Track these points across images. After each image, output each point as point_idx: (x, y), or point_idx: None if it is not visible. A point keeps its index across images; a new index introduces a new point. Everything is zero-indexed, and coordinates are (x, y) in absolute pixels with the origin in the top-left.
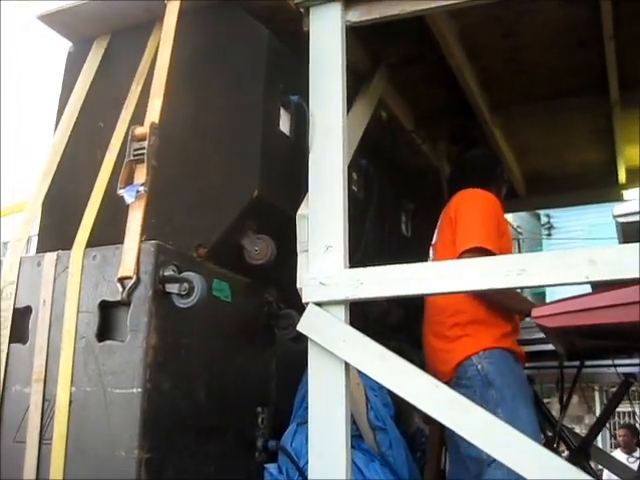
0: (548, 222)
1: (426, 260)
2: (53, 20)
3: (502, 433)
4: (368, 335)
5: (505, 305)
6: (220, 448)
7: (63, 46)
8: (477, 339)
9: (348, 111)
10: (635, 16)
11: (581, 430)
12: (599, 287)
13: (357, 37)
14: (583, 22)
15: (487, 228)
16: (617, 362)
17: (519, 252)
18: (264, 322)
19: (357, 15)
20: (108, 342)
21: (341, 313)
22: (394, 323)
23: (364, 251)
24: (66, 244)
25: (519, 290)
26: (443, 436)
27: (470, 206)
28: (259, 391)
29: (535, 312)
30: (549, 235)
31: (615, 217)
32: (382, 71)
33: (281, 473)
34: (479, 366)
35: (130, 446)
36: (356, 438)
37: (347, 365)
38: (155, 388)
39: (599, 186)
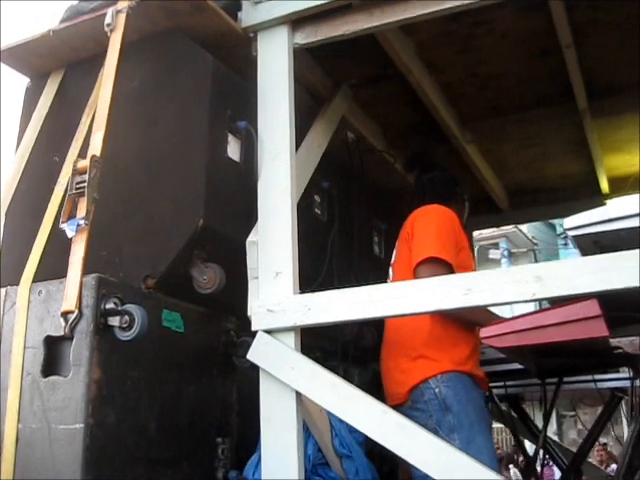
0: (564, 232)
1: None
2: (7, 56)
3: (451, 459)
4: (340, 360)
5: (468, 320)
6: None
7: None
8: (435, 361)
9: (305, 133)
10: (594, 24)
11: None
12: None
13: (316, 59)
14: (541, 31)
15: (443, 240)
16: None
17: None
18: (222, 351)
19: (304, 37)
20: (52, 377)
21: (291, 340)
22: (368, 346)
23: (328, 273)
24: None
25: None
26: None
27: (426, 220)
28: (218, 421)
29: (483, 332)
30: (565, 245)
31: (566, 230)
32: (344, 92)
33: None
34: (437, 390)
35: None
36: (323, 466)
37: (298, 393)
38: (98, 423)
39: (582, 197)
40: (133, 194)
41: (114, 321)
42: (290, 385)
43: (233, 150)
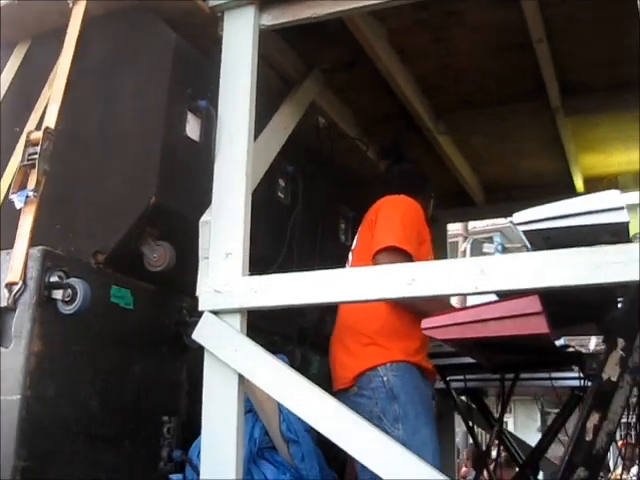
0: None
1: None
2: None
3: (387, 449)
4: (297, 345)
5: (424, 311)
6: (115, 457)
7: None
8: (386, 350)
9: (271, 116)
10: (568, 20)
11: None
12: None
13: (288, 41)
14: (514, 25)
15: (406, 230)
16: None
17: None
18: (173, 330)
19: (271, 18)
20: None
21: (236, 322)
22: (330, 332)
23: (288, 257)
24: None
25: None
26: None
27: (391, 208)
28: (166, 400)
29: (425, 323)
30: None
31: (515, 225)
32: (315, 76)
33: None
34: (385, 378)
35: (7, 454)
36: (270, 450)
37: (241, 376)
38: (36, 395)
39: (557, 195)
40: (90, 168)
41: (57, 294)
42: (233, 367)
43: (192, 129)
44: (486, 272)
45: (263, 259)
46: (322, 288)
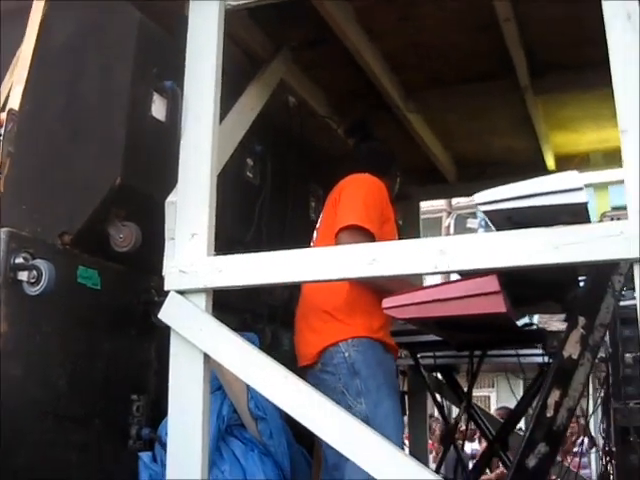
0: None
1: None
2: None
3: (345, 424)
4: (267, 323)
5: (387, 289)
6: (84, 436)
7: None
8: (348, 326)
9: (238, 96)
10: None
11: None
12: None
13: (257, 20)
14: (482, 4)
15: (368, 209)
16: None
17: None
18: (141, 310)
19: None
20: None
21: (202, 301)
22: None
23: (257, 236)
24: None
25: None
26: None
27: (355, 188)
28: (135, 379)
29: (386, 302)
30: None
31: (478, 205)
32: (284, 55)
33: (155, 462)
34: (346, 354)
35: None
36: (238, 427)
37: (207, 355)
38: (3, 376)
39: (528, 172)
40: (57, 149)
41: (23, 276)
42: (198, 346)
43: (158, 109)
44: (445, 252)
45: (232, 239)
46: (285, 268)
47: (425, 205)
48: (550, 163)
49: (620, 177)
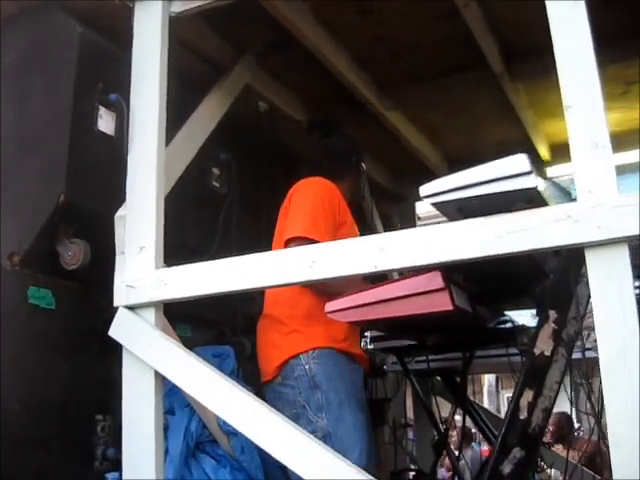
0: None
1: None
2: None
3: (293, 439)
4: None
5: (337, 292)
6: (42, 458)
7: None
8: (308, 337)
9: (197, 105)
10: None
11: None
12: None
13: (215, 28)
14: None
15: (315, 217)
16: None
17: None
18: (101, 328)
19: (180, 5)
20: None
21: (151, 316)
22: None
23: (223, 247)
24: None
25: None
26: None
27: (301, 195)
28: (98, 399)
29: (328, 306)
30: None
31: (424, 198)
32: (247, 61)
33: None
34: (307, 366)
35: None
36: (211, 443)
37: (157, 371)
38: None
39: None
40: (5, 168)
41: None
42: (147, 362)
43: (106, 123)
44: (385, 250)
45: (197, 250)
46: (227, 276)
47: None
48: (544, 153)
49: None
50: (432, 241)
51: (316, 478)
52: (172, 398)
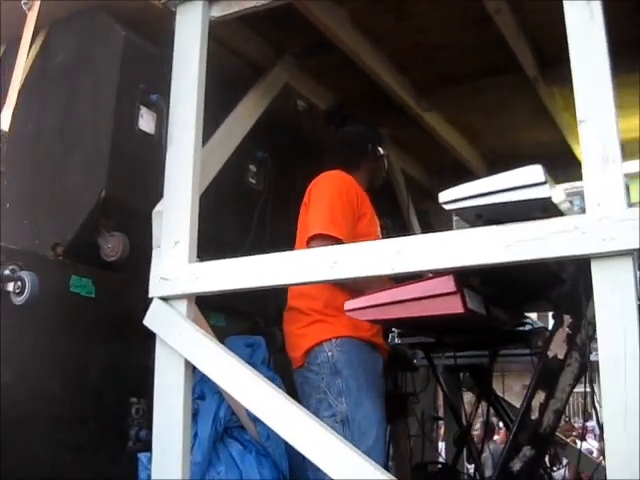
0: None
1: None
2: None
3: (312, 430)
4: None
5: (364, 287)
6: (78, 437)
7: None
8: (331, 325)
9: (236, 105)
10: None
11: None
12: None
13: (255, 30)
14: None
15: (333, 212)
16: None
17: None
18: (140, 316)
19: (220, 10)
20: None
21: (183, 308)
22: None
23: (258, 242)
24: None
25: None
26: None
27: (320, 190)
28: (134, 383)
29: (347, 304)
30: None
31: (443, 205)
32: (286, 62)
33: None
34: (329, 353)
35: None
36: (238, 429)
37: (187, 360)
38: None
39: (560, 166)
40: (52, 165)
41: (9, 287)
42: (178, 351)
43: (146, 123)
44: (402, 253)
45: (232, 245)
46: (255, 273)
47: None
48: (580, 155)
49: None
50: (446, 246)
51: (336, 474)
52: (203, 385)
